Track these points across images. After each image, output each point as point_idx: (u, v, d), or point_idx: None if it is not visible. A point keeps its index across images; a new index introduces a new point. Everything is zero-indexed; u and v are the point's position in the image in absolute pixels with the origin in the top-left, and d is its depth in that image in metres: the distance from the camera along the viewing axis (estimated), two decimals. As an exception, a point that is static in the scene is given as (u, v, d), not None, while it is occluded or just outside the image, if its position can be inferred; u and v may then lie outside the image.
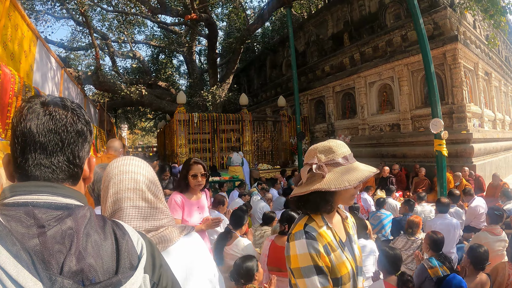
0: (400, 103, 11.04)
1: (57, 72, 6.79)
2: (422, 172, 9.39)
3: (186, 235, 1.29)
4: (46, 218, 0.69)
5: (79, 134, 0.82)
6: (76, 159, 0.82)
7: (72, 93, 8.47)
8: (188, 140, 12.01)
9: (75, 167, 0.82)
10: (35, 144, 0.76)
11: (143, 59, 18.56)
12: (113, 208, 1.18)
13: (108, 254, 0.74)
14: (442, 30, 10.18)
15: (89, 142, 0.86)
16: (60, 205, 0.74)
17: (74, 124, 0.80)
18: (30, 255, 0.62)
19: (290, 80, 15.78)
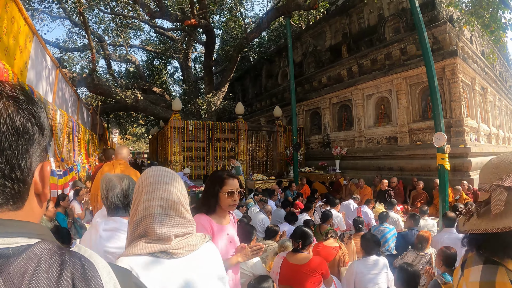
0: (397, 116, 10.98)
1: (52, 71, 6.52)
2: (420, 185, 9.29)
3: (206, 243, 1.38)
4: None
5: (18, 133, 0.57)
6: (16, 170, 0.58)
7: (66, 95, 8.19)
8: (182, 148, 11.71)
9: (15, 182, 0.58)
10: None
11: (139, 63, 18.29)
12: (144, 214, 1.24)
13: None
14: (442, 45, 10.22)
15: (38, 142, 0.61)
16: None
17: (9, 118, 0.56)
18: None
19: (286, 90, 15.67)
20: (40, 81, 5.60)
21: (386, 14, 12.04)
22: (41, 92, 5.51)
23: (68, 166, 7.61)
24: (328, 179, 11.70)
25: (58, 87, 7.07)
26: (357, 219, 6.17)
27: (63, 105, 7.74)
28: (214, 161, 12.35)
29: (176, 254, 1.23)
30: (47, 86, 6.09)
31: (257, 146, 13.33)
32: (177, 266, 1.24)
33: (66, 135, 7.44)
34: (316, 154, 13.76)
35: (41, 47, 5.62)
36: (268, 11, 12.94)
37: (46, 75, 6.04)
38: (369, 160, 11.61)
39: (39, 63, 5.54)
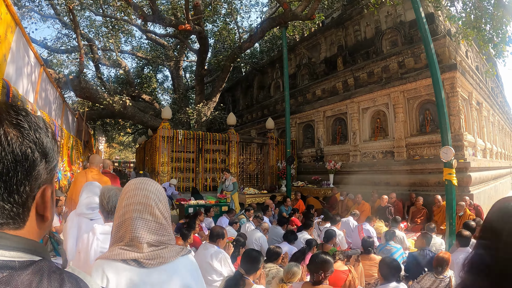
0: (394, 130, 10.69)
1: (35, 69, 5.91)
2: (420, 201, 8.99)
3: (183, 256, 1.36)
4: None
5: (17, 161, 0.59)
6: (14, 195, 0.60)
7: (50, 96, 7.54)
8: (171, 158, 11.10)
9: (15, 206, 0.61)
10: None
11: (129, 69, 17.63)
12: (123, 218, 1.31)
13: None
14: (441, 58, 10.01)
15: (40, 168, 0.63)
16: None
17: (8, 146, 0.58)
18: None
19: (278, 102, 15.27)
20: (20, 78, 4.99)
21: (383, 27, 11.89)
22: (20, 90, 4.90)
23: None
24: (322, 194, 11.23)
25: (41, 87, 6.44)
26: (368, 240, 5.72)
27: (46, 107, 7.09)
28: (204, 173, 11.74)
29: (146, 264, 1.25)
30: (28, 84, 5.46)
31: (248, 158, 12.78)
32: (146, 275, 1.25)
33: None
34: (308, 168, 13.29)
35: (24, 40, 5.03)
36: (263, 20, 12.55)
37: (28, 72, 5.43)
38: (365, 174, 11.20)
39: (20, 58, 4.95)
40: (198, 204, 8.88)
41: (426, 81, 9.96)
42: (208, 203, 9.04)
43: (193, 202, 9.04)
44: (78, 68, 11.42)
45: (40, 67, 6.39)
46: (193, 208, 8.72)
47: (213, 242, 4.19)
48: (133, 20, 14.16)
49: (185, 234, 5.35)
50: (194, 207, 8.78)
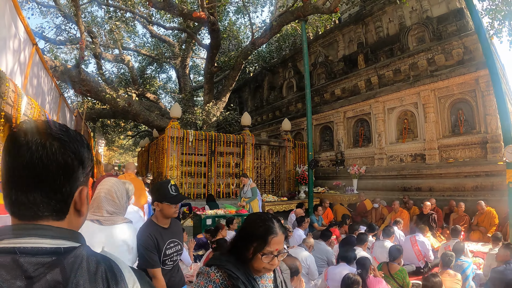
0: (425, 132, 9.67)
1: (25, 47, 4.57)
2: (462, 207, 7.92)
3: (126, 223, 2.12)
4: (33, 267, 0.64)
5: (60, 167, 0.71)
6: (58, 194, 0.73)
7: (43, 85, 6.12)
8: (180, 162, 9.69)
9: (58, 202, 0.74)
10: (12, 180, 0.71)
11: (132, 65, 16.13)
12: (97, 195, 2.08)
13: None
14: (474, 55, 9.06)
15: (78, 173, 0.75)
16: (47, 250, 0.68)
17: (53, 156, 0.70)
18: None
19: (291, 103, 14.01)
20: (3, 53, 3.62)
21: (408, 23, 10.85)
22: (3, 67, 3.49)
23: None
24: (346, 200, 9.95)
25: (32, 72, 5.11)
26: (448, 253, 4.65)
27: (38, 98, 5.71)
28: (217, 178, 10.33)
29: (103, 223, 2.00)
30: (15, 64, 4.12)
31: (263, 162, 11.41)
32: (101, 229, 1.98)
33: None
34: (328, 172, 12.03)
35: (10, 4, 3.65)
36: (280, 14, 11.23)
37: (15, 48, 4.09)
38: (393, 179, 10.03)
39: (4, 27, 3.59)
40: (217, 215, 7.48)
41: (459, 78, 9.06)
42: (228, 213, 7.63)
43: (211, 212, 7.61)
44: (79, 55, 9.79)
45: (32, 47, 5.08)
46: (212, 219, 7.32)
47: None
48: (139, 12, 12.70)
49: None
50: (213, 218, 7.40)
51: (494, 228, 7.47)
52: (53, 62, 10.08)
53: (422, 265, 5.95)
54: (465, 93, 9.08)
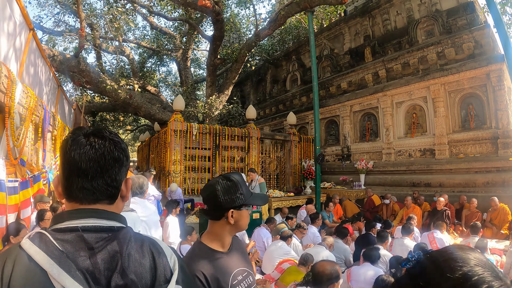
0: (435, 126, 9.41)
1: (21, 31, 4.18)
2: (474, 203, 7.68)
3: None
4: (94, 240, 0.80)
5: (115, 161, 0.89)
6: (114, 182, 0.90)
7: (40, 75, 5.70)
8: (184, 156, 9.28)
9: (113, 188, 0.90)
10: (78, 170, 0.84)
11: (133, 57, 15.58)
12: None
13: (146, 270, 0.84)
14: (484, 49, 8.82)
15: (125, 166, 0.93)
16: (105, 228, 0.84)
17: (111, 152, 0.88)
18: (84, 274, 0.75)
19: (295, 96, 13.64)
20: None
21: (416, 16, 10.56)
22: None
23: (33, 173, 4.99)
24: (354, 196, 9.62)
25: (28, 60, 4.72)
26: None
27: (35, 88, 5.30)
28: (221, 173, 9.90)
29: None
30: (10, 49, 3.73)
31: (268, 157, 11.03)
32: None
33: (32, 126, 4.89)
34: (333, 167, 11.71)
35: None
36: (286, 4, 10.77)
37: (10, 31, 3.69)
38: (401, 175, 9.76)
39: (-2, 7, 3.12)
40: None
41: (470, 73, 8.81)
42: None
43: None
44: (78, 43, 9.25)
45: (28, 32, 4.68)
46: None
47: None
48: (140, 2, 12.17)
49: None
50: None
51: (507, 225, 7.23)
52: (51, 51, 9.58)
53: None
54: (476, 87, 8.84)
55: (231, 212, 1.41)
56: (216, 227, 1.46)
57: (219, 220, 1.44)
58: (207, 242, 1.45)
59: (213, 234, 1.46)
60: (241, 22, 14.70)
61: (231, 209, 1.41)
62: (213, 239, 1.46)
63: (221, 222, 1.44)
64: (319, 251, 4.68)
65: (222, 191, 1.40)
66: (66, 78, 14.00)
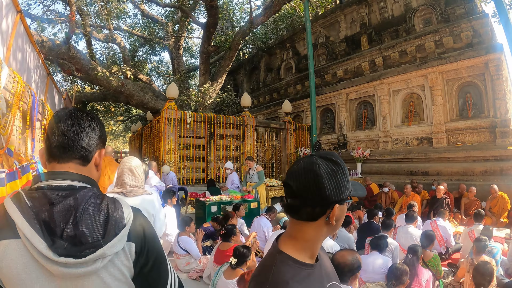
0: (433, 115, 9.29)
1: (7, 13, 3.82)
2: (473, 192, 7.50)
3: (146, 194, 2.44)
4: (55, 197, 0.90)
5: (90, 128, 1.01)
6: (87, 145, 1.00)
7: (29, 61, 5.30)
8: (178, 145, 8.94)
9: (85, 151, 1.00)
10: (58, 132, 0.97)
11: (124, 45, 14.99)
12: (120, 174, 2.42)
13: (98, 224, 0.90)
14: (483, 39, 8.67)
15: (100, 137, 1.05)
16: (67, 187, 0.93)
17: (87, 122, 1.01)
18: (40, 223, 0.85)
19: (290, 84, 13.35)
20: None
21: (414, 5, 10.38)
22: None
23: (21, 163, 4.59)
24: (351, 184, 9.32)
25: (16, 44, 4.34)
26: (482, 238, 4.26)
27: (23, 74, 4.90)
28: (216, 162, 9.62)
29: (127, 195, 2.32)
30: None
31: (263, 145, 10.75)
32: (125, 199, 1.71)
33: (19, 114, 4.49)
34: (329, 156, 11.38)
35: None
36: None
37: None
38: (399, 163, 9.61)
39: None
40: (222, 201, 6.80)
41: (468, 61, 8.67)
42: (234, 199, 6.96)
43: (215, 198, 6.91)
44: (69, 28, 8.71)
45: (16, 14, 4.25)
46: (217, 206, 6.64)
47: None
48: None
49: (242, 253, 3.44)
50: (218, 204, 6.72)
51: (506, 213, 7.13)
52: (40, 37, 9.05)
53: (443, 250, 5.51)
54: (474, 76, 8.72)
55: (337, 208, 0.93)
56: (309, 230, 0.96)
57: (315, 221, 0.95)
58: (293, 253, 0.96)
59: (303, 240, 0.97)
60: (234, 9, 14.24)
61: (336, 204, 0.93)
62: (301, 247, 0.97)
63: (317, 223, 0.95)
64: (324, 241, 4.44)
65: (328, 178, 0.91)
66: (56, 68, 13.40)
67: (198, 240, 4.95)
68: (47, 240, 0.83)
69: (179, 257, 4.67)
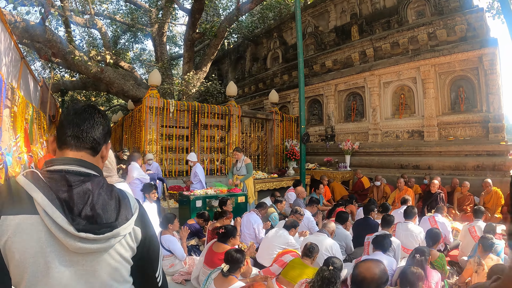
0: (424, 108, 8.97)
1: None
2: (466, 186, 7.20)
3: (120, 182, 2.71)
4: (74, 180, 0.97)
5: (100, 124, 1.10)
6: (97, 138, 1.08)
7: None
8: (160, 135, 8.28)
9: (95, 142, 1.08)
10: (73, 123, 1.05)
11: (105, 31, 13.98)
12: None
13: (111, 208, 0.99)
14: (477, 33, 8.36)
15: (107, 133, 1.13)
16: (84, 173, 1.01)
17: (99, 118, 1.10)
18: (61, 202, 0.91)
19: (277, 74, 12.81)
20: None
21: None
22: None
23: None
24: (340, 177, 8.96)
25: None
26: (488, 236, 3.99)
27: None
28: (200, 153, 8.99)
29: None
30: None
31: (249, 136, 10.19)
32: None
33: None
34: (316, 148, 11.07)
35: None
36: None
37: None
38: (389, 156, 9.28)
39: None
40: (208, 195, 6.20)
41: (462, 55, 8.36)
42: (220, 193, 6.37)
43: (200, 192, 6.30)
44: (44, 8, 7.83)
45: None
46: (202, 200, 6.03)
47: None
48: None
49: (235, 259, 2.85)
50: (203, 198, 6.11)
51: (499, 209, 6.85)
52: (13, 16, 8.14)
53: (442, 247, 5.13)
54: (467, 70, 8.43)
55: None
56: None
57: None
58: None
59: None
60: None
61: None
62: None
63: None
64: (322, 240, 3.95)
65: None
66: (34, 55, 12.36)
67: (183, 239, 4.35)
68: (68, 217, 0.89)
69: (162, 258, 4.05)
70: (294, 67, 12.06)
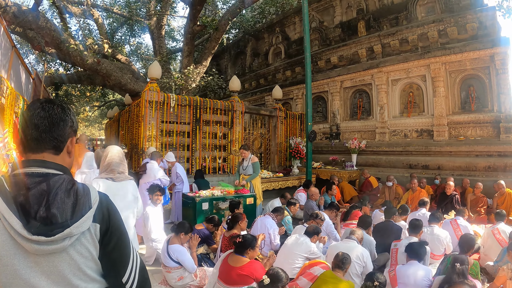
0: (434, 107, 8.66)
1: None
2: (479, 188, 6.86)
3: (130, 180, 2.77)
4: (30, 182, 0.95)
5: (61, 120, 1.05)
6: (59, 136, 1.04)
7: None
8: (160, 131, 7.74)
9: (57, 141, 1.04)
10: (32, 125, 1.01)
11: (102, 22, 13.32)
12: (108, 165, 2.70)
13: (68, 207, 0.95)
14: (489, 31, 8.06)
15: (71, 127, 1.08)
16: (41, 174, 0.99)
17: (58, 114, 1.04)
18: (17, 206, 0.90)
19: (279, 70, 12.37)
20: None
21: None
22: None
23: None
24: (347, 177, 8.54)
25: None
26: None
27: None
28: (202, 151, 8.48)
29: (116, 180, 2.66)
30: None
31: (252, 134, 9.71)
32: (115, 184, 2.65)
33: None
34: (321, 146, 10.66)
35: None
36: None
37: None
38: (397, 156, 8.93)
39: None
40: (215, 197, 5.68)
41: (473, 53, 8.05)
42: (227, 194, 5.87)
43: (206, 193, 5.76)
44: None
45: None
46: (209, 202, 5.52)
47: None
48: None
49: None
50: (210, 200, 5.58)
51: (514, 211, 6.52)
52: (3, 0, 7.48)
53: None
54: (478, 69, 8.13)
55: None
56: None
57: None
58: None
59: None
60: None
61: None
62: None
63: None
64: (352, 248, 3.52)
65: None
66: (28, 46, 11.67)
67: (192, 248, 3.78)
68: (22, 220, 0.89)
69: (169, 270, 3.53)
70: (297, 63, 11.60)
